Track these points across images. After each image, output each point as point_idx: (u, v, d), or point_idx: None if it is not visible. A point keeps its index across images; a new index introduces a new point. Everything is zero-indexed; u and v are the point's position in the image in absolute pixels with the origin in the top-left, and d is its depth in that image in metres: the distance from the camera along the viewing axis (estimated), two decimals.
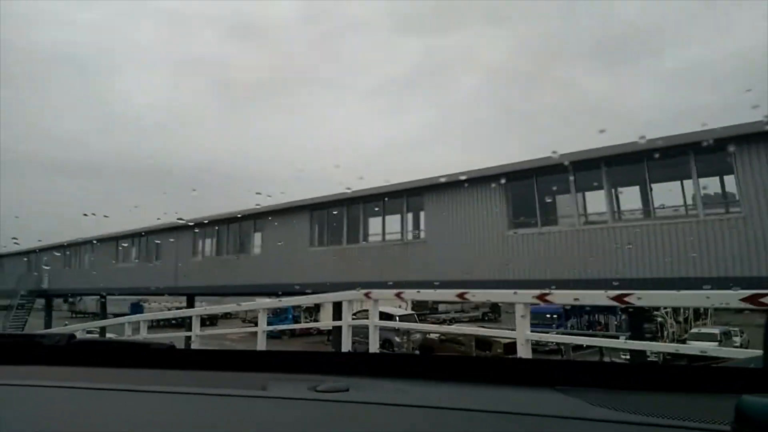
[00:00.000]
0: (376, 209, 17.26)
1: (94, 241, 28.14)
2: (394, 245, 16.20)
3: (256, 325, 8.11)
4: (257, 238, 21.01)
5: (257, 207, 19.97)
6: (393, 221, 17.87)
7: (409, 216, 16.72)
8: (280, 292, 22.40)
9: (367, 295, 6.35)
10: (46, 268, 31.97)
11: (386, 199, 16.44)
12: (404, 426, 0.92)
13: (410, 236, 16.21)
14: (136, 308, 57.12)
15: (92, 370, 1.31)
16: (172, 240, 23.79)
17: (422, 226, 16.01)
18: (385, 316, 11.02)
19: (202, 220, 22.14)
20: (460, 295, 5.23)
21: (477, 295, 5.55)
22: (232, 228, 21.84)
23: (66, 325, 35.74)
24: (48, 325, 32.38)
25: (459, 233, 14.51)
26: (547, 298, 4.59)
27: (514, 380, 1.17)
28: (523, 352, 4.54)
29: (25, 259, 33.75)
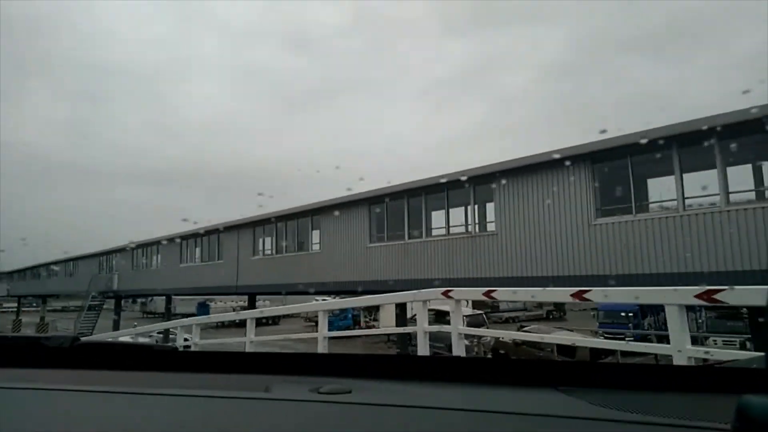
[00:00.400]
0: (440, 201, 15.99)
1: (161, 243, 28.48)
2: (460, 239, 14.86)
3: (317, 324, 7.31)
4: (315, 235, 20.24)
5: (315, 203, 19.24)
6: (458, 213, 16.59)
7: (476, 207, 15.32)
8: (329, 298, 22.01)
9: (446, 294, 5.17)
10: (115, 270, 32.82)
11: (450, 189, 15.11)
12: (407, 427, 0.93)
13: (478, 229, 14.80)
14: (203, 308, 58.52)
15: (96, 373, 1.32)
16: (232, 239, 23.52)
17: (491, 218, 14.58)
18: (443, 315, 9.97)
19: (260, 217, 21.68)
20: (578, 295, 3.94)
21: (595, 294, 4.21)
22: (290, 225, 21.19)
23: (135, 326, 36.92)
24: (117, 326, 33.27)
25: (535, 224, 12.99)
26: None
27: (516, 381, 1.16)
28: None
29: (97, 261, 34.90)
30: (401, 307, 17.46)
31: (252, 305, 24.40)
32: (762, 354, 1.13)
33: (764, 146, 10.77)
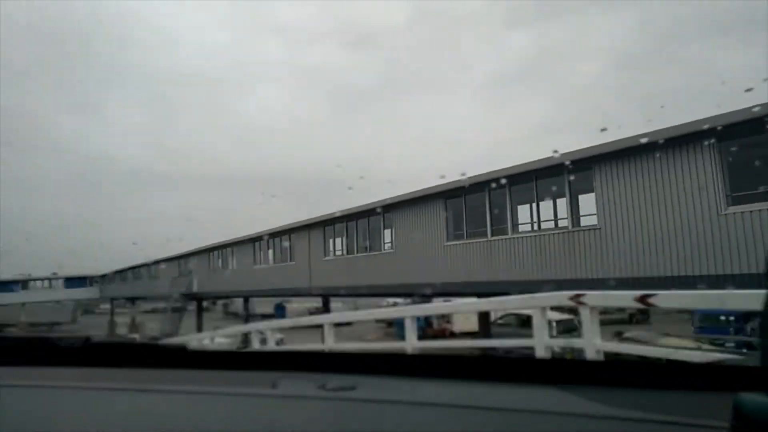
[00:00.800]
0: (526, 193, 14.23)
1: (236, 244, 28.52)
2: (552, 235, 13.04)
3: (389, 326, 6.17)
4: (388, 234, 19.03)
5: (386, 200, 18.04)
6: (544, 208, 14.76)
7: (570, 199, 13.42)
8: (400, 300, 20.79)
9: (576, 299, 3.68)
10: (194, 272, 33.43)
11: (539, 178, 13.32)
12: (411, 423, 0.94)
13: (574, 223, 12.89)
14: (280, 309, 59.33)
15: (105, 371, 1.33)
16: (303, 240, 22.87)
17: (590, 210, 12.66)
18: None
19: (331, 216, 20.83)
20: None
21: None
22: (361, 224, 20.12)
23: (216, 328, 37.57)
24: (199, 328, 33.91)
25: (648, 215, 10.98)
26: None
27: (518, 378, 1.17)
28: None
29: (177, 264, 35.81)
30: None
31: (326, 307, 23.64)
32: (759, 353, 0.95)
33: None
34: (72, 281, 52.70)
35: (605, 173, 11.77)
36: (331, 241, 22.13)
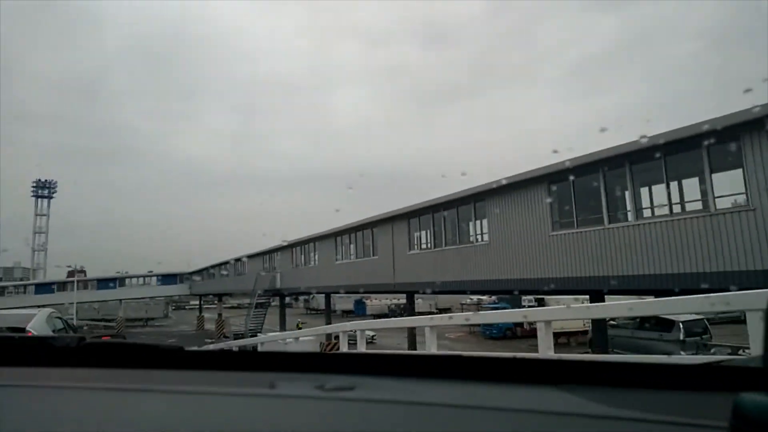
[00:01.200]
0: (651, 173, 12.23)
1: (317, 240, 28.04)
2: (689, 220, 10.99)
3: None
4: (480, 225, 17.50)
5: (478, 187, 16.52)
6: (659, 190, 12.68)
7: (701, 177, 11.28)
8: (485, 298, 19.17)
9: None
10: (277, 268, 33.49)
11: (667, 154, 11.29)
12: (410, 423, 0.94)
13: (719, 204, 10.75)
14: (359, 305, 59.18)
15: (101, 371, 1.32)
16: (386, 233, 21.80)
17: (735, 188, 10.52)
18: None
19: (416, 208, 19.59)
20: None
21: None
22: (449, 216, 18.71)
23: (299, 325, 37.58)
24: (282, 325, 33.99)
25: None
26: None
27: (517, 378, 1.16)
28: None
29: (260, 260, 36.11)
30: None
31: (411, 304, 22.49)
32: (760, 353, 1.00)
33: None
34: (165, 278, 55.20)
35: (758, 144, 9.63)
36: (416, 234, 20.89)
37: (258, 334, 28.84)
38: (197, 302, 59.08)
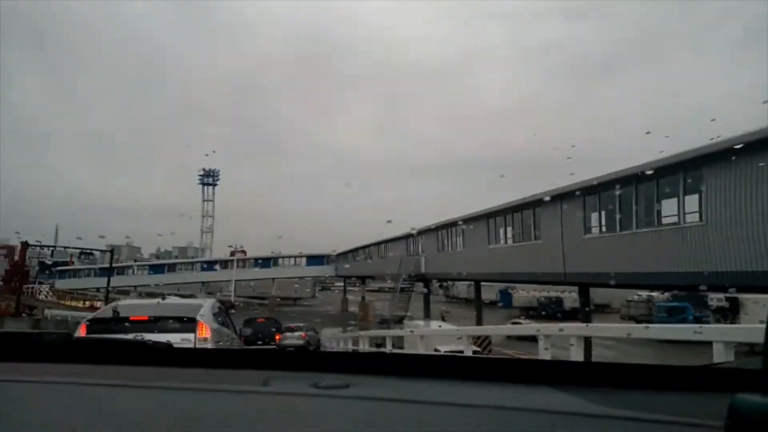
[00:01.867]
0: None
1: (467, 222, 25.45)
2: None
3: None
4: (689, 201, 13.49)
5: (691, 151, 12.58)
6: None
7: None
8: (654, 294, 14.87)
9: None
10: (422, 252, 31.58)
11: None
12: (404, 421, 0.94)
13: None
14: (504, 296, 55.44)
15: (89, 368, 1.30)
16: (553, 214, 18.43)
17: None
18: None
19: (592, 182, 15.96)
20: None
21: None
22: (642, 189, 14.85)
23: (443, 315, 35.53)
24: (427, 312, 32.14)
25: None
26: None
27: (513, 378, 1.16)
28: None
29: (404, 243, 34.52)
30: None
31: (585, 298, 18.87)
32: (759, 355, 1.02)
33: None
34: (312, 259, 56.73)
35: None
36: (593, 214, 17.22)
37: (404, 321, 27.30)
38: (341, 284, 60.35)
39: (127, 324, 5.46)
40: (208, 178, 75.67)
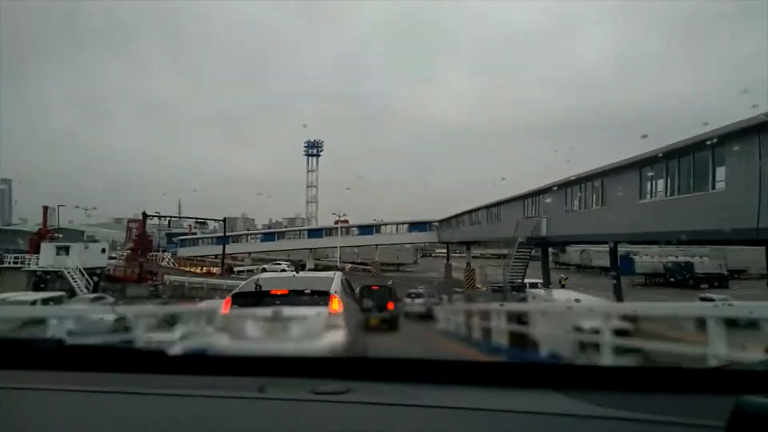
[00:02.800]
0: None
1: (608, 174, 21.09)
2: None
3: None
4: None
5: None
6: None
7: None
8: None
9: None
10: (543, 213, 27.47)
11: None
12: (404, 426, 0.92)
13: None
14: (627, 262, 49.12)
15: (83, 375, 1.27)
16: (745, 154, 13.82)
17: None
18: None
19: None
20: None
21: None
22: None
23: (562, 280, 31.30)
24: (547, 279, 28.25)
25: None
26: None
27: (513, 382, 1.13)
28: None
29: (521, 204, 30.48)
30: None
31: None
32: (761, 356, 1.00)
33: None
34: (414, 226, 54.55)
35: None
36: None
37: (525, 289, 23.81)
38: (443, 250, 57.77)
39: (267, 297, 5.49)
40: (312, 149, 75.41)
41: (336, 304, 5.42)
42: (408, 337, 14.72)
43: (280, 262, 54.50)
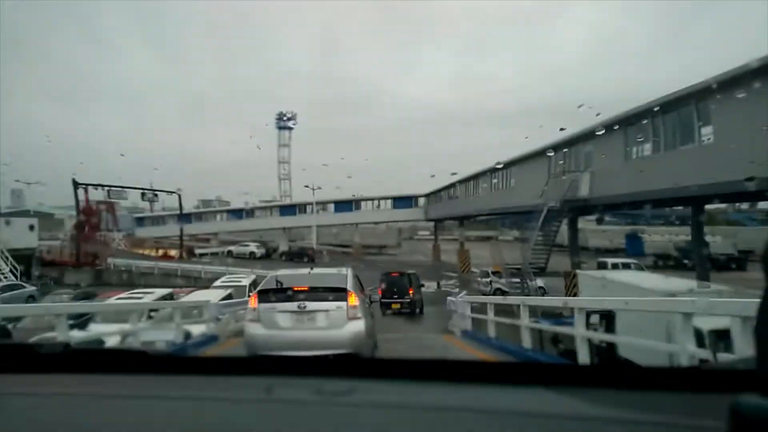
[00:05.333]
0: None
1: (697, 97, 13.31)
2: None
3: None
4: None
5: None
6: None
7: None
8: None
9: None
10: (584, 167, 19.56)
11: None
12: (408, 426, 0.90)
13: None
14: (634, 242, 42.28)
15: (90, 378, 1.20)
16: None
17: None
18: None
19: None
20: None
21: None
22: None
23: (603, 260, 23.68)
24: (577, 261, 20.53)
25: None
26: None
27: (515, 380, 1.08)
28: None
29: (545, 161, 22.43)
30: None
31: None
32: (753, 354, 0.90)
33: None
34: (398, 201, 46.36)
35: None
36: None
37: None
38: (426, 232, 50.05)
39: (290, 293, 5.78)
40: (284, 120, 66.03)
41: (353, 299, 5.80)
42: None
43: (249, 244, 46.03)
